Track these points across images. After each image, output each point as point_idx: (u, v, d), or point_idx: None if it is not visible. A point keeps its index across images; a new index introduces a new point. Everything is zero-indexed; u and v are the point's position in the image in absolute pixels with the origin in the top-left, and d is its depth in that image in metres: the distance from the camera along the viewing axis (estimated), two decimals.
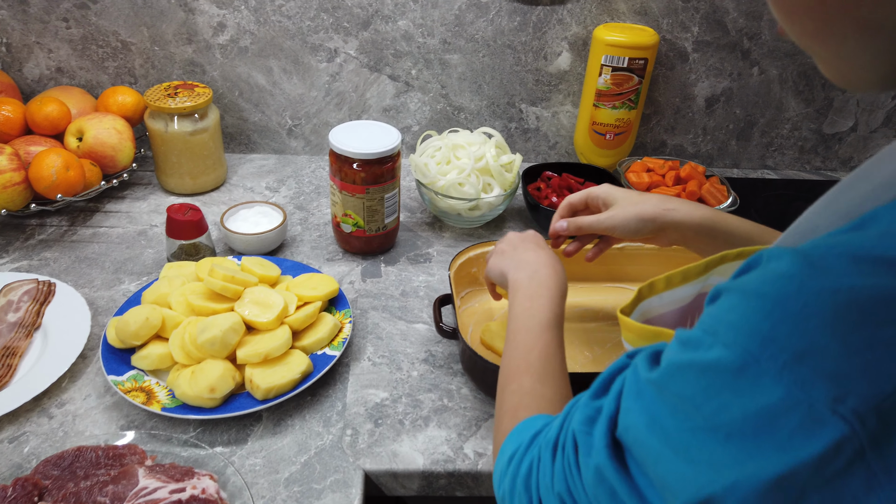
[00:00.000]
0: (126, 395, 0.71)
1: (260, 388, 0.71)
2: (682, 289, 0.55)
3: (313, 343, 0.79)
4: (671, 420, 0.34)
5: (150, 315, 0.76)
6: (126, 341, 0.76)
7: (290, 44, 1.16)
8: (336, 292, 0.85)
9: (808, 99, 1.25)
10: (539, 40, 1.17)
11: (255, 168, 1.22)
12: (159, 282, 0.83)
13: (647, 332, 0.50)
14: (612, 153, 1.21)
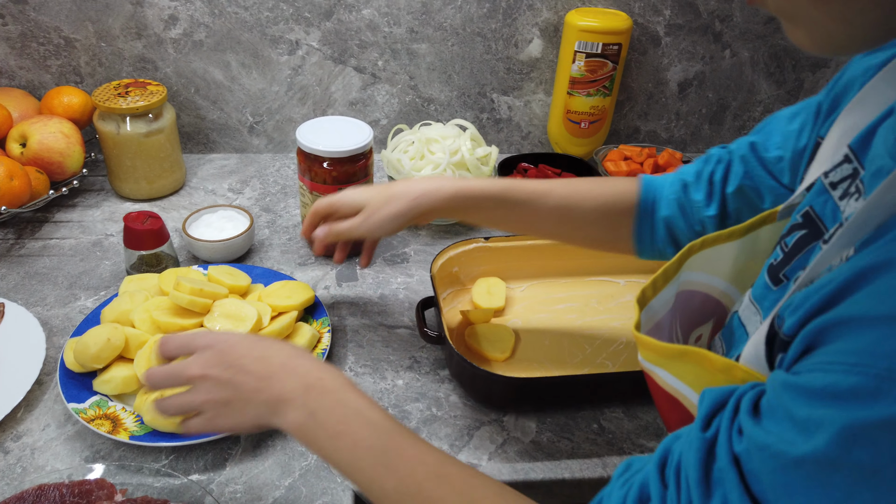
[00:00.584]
0: (89, 423, 0.66)
1: None
2: (666, 290, 0.53)
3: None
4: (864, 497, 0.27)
5: (111, 335, 0.70)
6: (86, 364, 0.70)
7: (248, 36, 1.10)
8: (312, 300, 0.81)
9: (779, 81, 1.24)
10: (509, 27, 1.13)
11: (215, 169, 1.16)
12: (119, 297, 0.77)
13: (664, 350, 0.46)
14: (588, 142, 1.18)
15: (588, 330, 0.86)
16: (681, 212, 0.67)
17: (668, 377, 0.47)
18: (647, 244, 0.71)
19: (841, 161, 0.45)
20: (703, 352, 0.43)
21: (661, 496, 0.37)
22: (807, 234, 0.46)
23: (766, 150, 0.61)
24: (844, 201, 0.43)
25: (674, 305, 0.55)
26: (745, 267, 0.55)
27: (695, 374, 0.44)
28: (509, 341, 0.82)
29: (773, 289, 0.47)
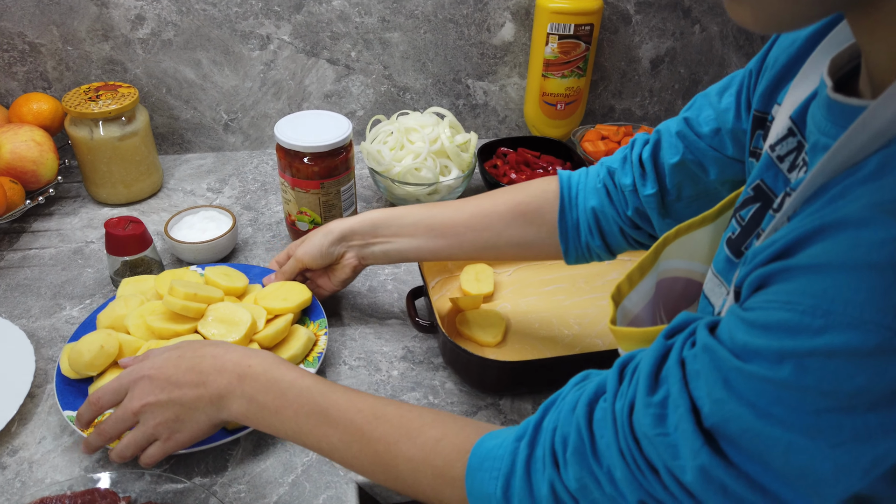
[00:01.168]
0: (85, 433, 0.65)
1: None
2: (642, 283, 0.54)
3: (288, 359, 0.71)
4: (791, 409, 0.32)
5: (105, 342, 0.69)
6: (81, 371, 0.69)
7: (218, 33, 1.08)
8: (309, 301, 0.79)
9: (748, 53, 1.26)
10: (481, 12, 1.13)
11: (192, 169, 1.15)
12: (115, 301, 0.76)
13: (643, 335, 0.48)
14: (564, 123, 1.19)
15: (577, 309, 0.88)
16: (608, 199, 0.67)
17: None
18: (571, 241, 0.70)
19: (786, 134, 0.46)
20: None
21: (614, 392, 0.41)
22: (761, 206, 0.47)
23: (698, 125, 0.61)
24: (793, 174, 0.44)
25: (654, 295, 0.56)
26: (714, 247, 0.56)
27: None
28: (500, 326, 0.83)
29: (736, 261, 0.49)
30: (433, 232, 0.74)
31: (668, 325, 0.42)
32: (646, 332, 0.48)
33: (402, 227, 0.75)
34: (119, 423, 0.60)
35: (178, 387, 0.58)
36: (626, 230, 0.68)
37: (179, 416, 0.58)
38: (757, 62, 0.55)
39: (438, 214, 0.74)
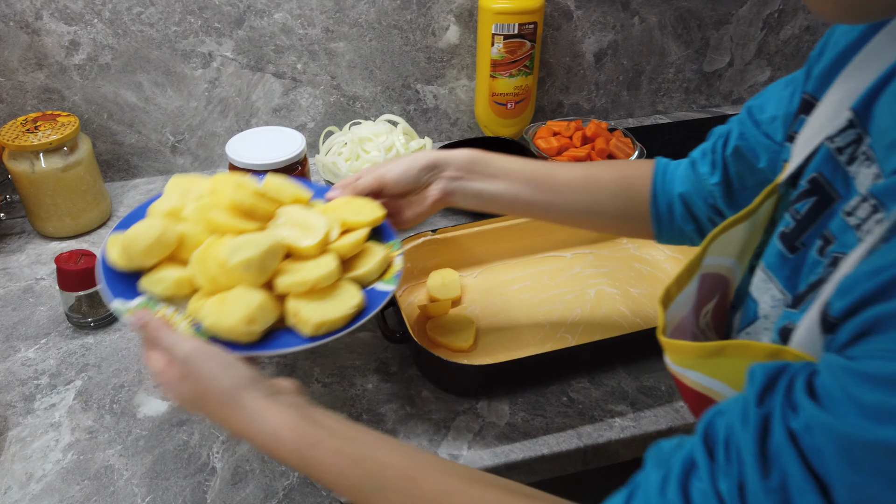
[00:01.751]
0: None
1: (309, 322, 0.57)
2: (689, 285, 0.51)
3: (363, 275, 0.64)
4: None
5: (164, 231, 0.59)
6: (134, 260, 0.59)
7: (158, 54, 1.05)
8: (382, 220, 0.68)
9: (686, 41, 1.29)
10: (424, 17, 1.13)
11: (142, 195, 1.11)
12: (167, 195, 0.66)
13: (704, 350, 0.43)
14: (515, 122, 1.20)
15: (544, 306, 0.89)
16: (694, 188, 0.67)
17: (699, 377, 0.45)
18: (664, 223, 0.70)
19: (845, 126, 0.44)
20: (742, 343, 0.42)
21: (709, 470, 0.36)
22: (818, 200, 0.46)
23: (761, 111, 0.61)
24: (853, 167, 0.43)
25: (697, 297, 0.53)
26: (747, 242, 0.55)
27: (732, 367, 0.43)
28: (471, 329, 0.83)
29: (790, 256, 0.47)
30: (535, 183, 0.70)
31: (754, 385, 0.37)
32: (701, 348, 0.44)
33: (501, 170, 0.70)
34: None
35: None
36: (714, 219, 0.67)
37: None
38: (819, 46, 0.53)
39: (542, 168, 0.71)
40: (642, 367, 0.80)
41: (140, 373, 0.80)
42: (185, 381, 0.53)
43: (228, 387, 0.51)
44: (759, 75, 1.39)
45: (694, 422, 0.72)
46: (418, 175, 0.69)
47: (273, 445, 0.50)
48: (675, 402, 0.76)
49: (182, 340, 0.53)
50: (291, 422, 0.50)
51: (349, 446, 0.49)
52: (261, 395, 0.51)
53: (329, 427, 0.50)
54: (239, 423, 0.51)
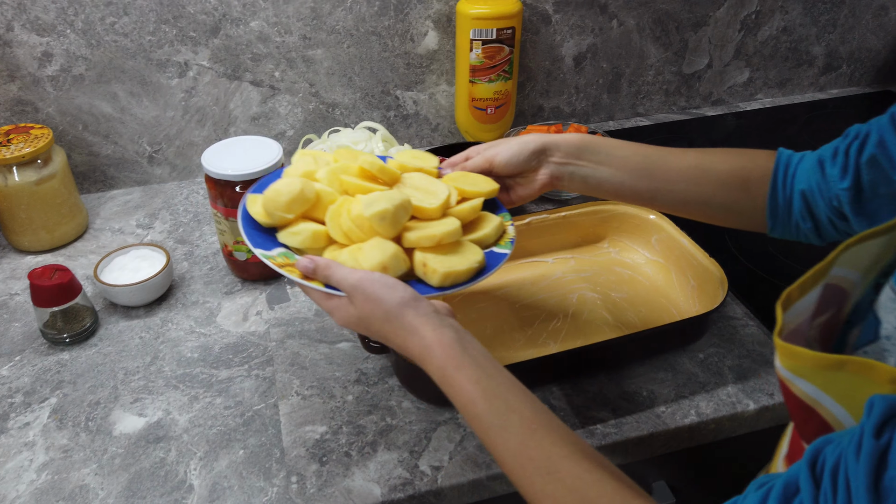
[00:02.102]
0: (282, 269, 0.61)
1: (437, 273, 0.61)
2: (812, 292, 0.49)
3: (482, 237, 0.68)
4: None
5: (304, 187, 0.64)
6: (275, 214, 0.64)
7: (133, 63, 1.04)
8: (496, 192, 0.72)
9: (665, 44, 1.30)
10: (403, 22, 1.13)
11: (119, 206, 1.10)
12: (297, 162, 0.71)
13: (824, 362, 0.42)
14: (496, 126, 1.20)
15: (526, 312, 0.88)
16: (818, 188, 0.65)
17: (808, 388, 0.43)
18: (780, 217, 0.68)
19: None
20: (867, 362, 0.39)
21: (812, 495, 0.35)
22: None
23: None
24: None
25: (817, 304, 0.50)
26: (878, 257, 0.51)
27: (850, 385, 0.40)
28: None
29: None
30: (644, 171, 0.69)
31: (873, 417, 0.36)
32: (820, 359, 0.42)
33: (610, 157, 0.70)
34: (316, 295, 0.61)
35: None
36: (834, 221, 0.65)
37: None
38: None
39: (653, 155, 0.70)
40: (623, 373, 0.80)
41: (116, 388, 0.78)
42: (352, 306, 0.58)
43: (392, 305, 0.56)
44: (739, 76, 1.40)
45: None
46: (528, 159, 0.70)
47: (425, 357, 0.55)
48: (655, 407, 0.76)
49: (350, 272, 0.58)
50: (445, 340, 0.54)
51: (486, 380, 0.53)
52: (419, 312, 0.56)
53: (474, 356, 0.54)
54: (399, 336, 0.56)
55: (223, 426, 0.74)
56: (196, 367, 0.81)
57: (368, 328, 0.58)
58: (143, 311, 0.89)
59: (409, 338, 0.56)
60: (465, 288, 0.63)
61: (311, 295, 0.62)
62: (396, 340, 0.57)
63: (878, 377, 0.38)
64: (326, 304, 0.60)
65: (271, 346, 0.83)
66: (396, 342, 0.57)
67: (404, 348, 0.57)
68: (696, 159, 0.69)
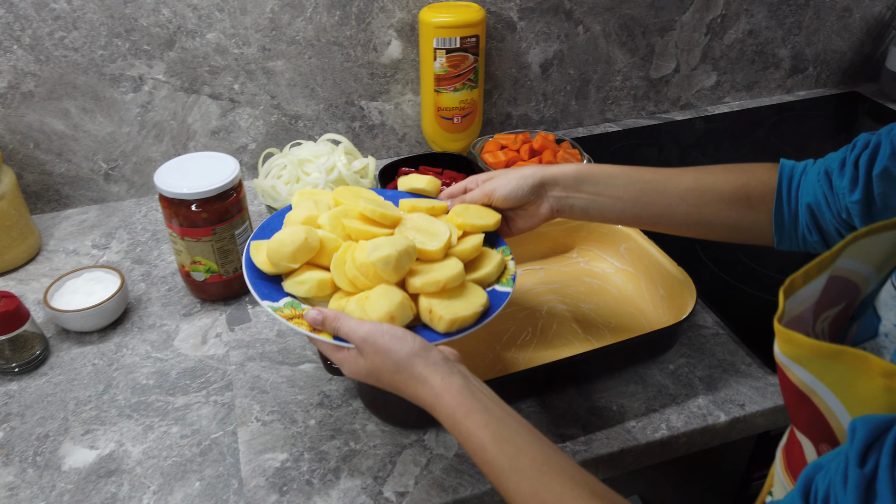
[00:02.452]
0: (289, 321, 0.61)
1: (444, 319, 0.61)
2: (816, 281, 0.49)
3: (484, 276, 0.68)
4: None
5: (308, 236, 0.63)
6: (280, 264, 0.63)
7: (85, 79, 1.01)
8: (498, 223, 0.72)
9: (632, 49, 1.29)
10: (365, 32, 1.10)
11: (74, 226, 1.06)
12: (298, 206, 0.70)
13: (820, 350, 0.42)
14: (463, 135, 1.18)
15: (494, 326, 0.86)
16: (825, 199, 0.64)
17: (804, 374, 0.44)
18: (786, 231, 0.68)
19: None
20: (862, 354, 0.40)
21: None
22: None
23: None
24: None
25: (822, 295, 0.50)
26: (892, 253, 0.51)
27: (843, 375, 0.41)
28: None
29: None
30: (643, 199, 0.70)
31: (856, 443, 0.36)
32: (817, 347, 0.42)
33: (608, 187, 0.70)
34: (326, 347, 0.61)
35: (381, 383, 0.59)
36: (843, 232, 0.64)
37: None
38: None
39: (652, 181, 0.70)
40: (593, 387, 0.78)
41: (66, 420, 0.75)
42: (362, 358, 0.58)
43: (402, 357, 0.56)
44: (706, 80, 1.39)
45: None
46: (528, 194, 0.71)
47: (435, 406, 0.55)
48: (626, 422, 0.74)
49: (358, 324, 0.58)
50: (454, 388, 0.55)
51: (495, 423, 0.53)
52: (429, 361, 0.56)
53: (483, 401, 0.55)
54: (410, 387, 0.56)
55: (179, 457, 0.71)
56: (151, 394, 0.78)
57: (379, 379, 0.58)
58: (97, 337, 0.86)
59: (419, 388, 0.56)
60: (471, 331, 0.63)
61: (319, 346, 0.61)
62: (407, 391, 0.57)
63: (870, 369, 0.39)
64: (336, 356, 0.60)
65: (231, 369, 0.81)
66: (407, 392, 0.57)
67: (415, 398, 0.57)
68: (694, 180, 0.69)
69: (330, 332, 0.60)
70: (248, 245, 0.67)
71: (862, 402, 0.40)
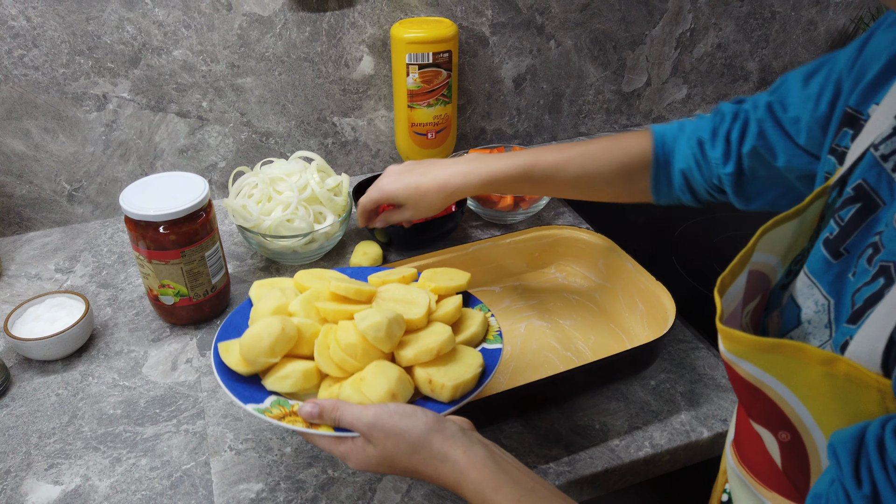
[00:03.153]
0: (281, 421, 0.56)
1: (447, 387, 0.58)
2: (740, 277, 0.51)
3: (471, 336, 0.67)
4: None
5: (285, 325, 0.59)
6: (257, 361, 0.59)
7: (46, 98, 0.98)
8: (469, 282, 0.73)
9: (603, 63, 1.30)
10: (336, 48, 1.09)
11: (36, 249, 1.03)
12: (264, 299, 0.65)
13: (760, 345, 0.44)
14: (438, 151, 1.17)
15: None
16: (697, 166, 0.73)
17: (752, 369, 0.45)
18: (663, 194, 0.78)
19: (890, 133, 0.45)
20: (798, 345, 0.41)
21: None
22: (862, 207, 0.46)
23: (783, 109, 0.63)
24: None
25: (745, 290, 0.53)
26: (794, 242, 0.54)
27: (785, 366, 0.43)
28: None
29: (834, 262, 0.47)
30: (535, 189, 0.81)
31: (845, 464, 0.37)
32: (756, 342, 0.44)
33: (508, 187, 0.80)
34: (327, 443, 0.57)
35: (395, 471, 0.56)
36: (714, 195, 0.74)
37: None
38: (850, 56, 0.54)
39: (542, 177, 0.78)
40: (575, 405, 0.77)
41: (29, 454, 0.72)
42: (370, 446, 0.54)
43: (417, 435, 0.53)
44: (677, 93, 1.41)
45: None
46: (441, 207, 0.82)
47: (460, 483, 0.52)
48: (609, 440, 0.73)
49: (362, 409, 0.54)
50: (479, 461, 0.52)
51: (527, 497, 0.50)
52: (447, 436, 0.53)
53: (511, 473, 0.52)
54: (429, 466, 0.53)
55: (148, 490, 0.68)
56: (119, 424, 0.75)
57: (393, 466, 0.54)
58: (61, 366, 0.82)
59: (439, 466, 0.53)
60: (473, 395, 0.61)
61: (317, 443, 0.56)
62: (427, 472, 0.53)
63: (808, 358, 0.41)
64: (339, 450, 0.56)
65: (202, 396, 0.78)
66: (427, 473, 0.53)
67: (436, 477, 0.53)
68: (580, 168, 0.78)
69: (329, 424, 0.55)
70: (216, 347, 0.63)
71: (808, 388, 0.42)
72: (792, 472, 0.48)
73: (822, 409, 0.42)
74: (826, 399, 0.41)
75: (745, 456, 0.54)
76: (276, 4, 1.02)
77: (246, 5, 1.01)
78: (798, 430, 0.44)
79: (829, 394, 0.41)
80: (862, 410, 0.39)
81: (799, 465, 0.46)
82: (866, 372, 0.38)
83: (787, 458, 0.48)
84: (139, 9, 0.96)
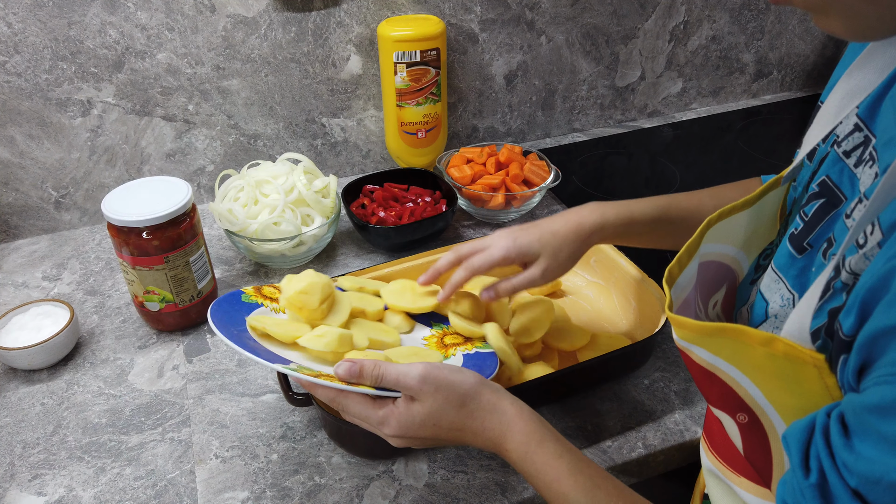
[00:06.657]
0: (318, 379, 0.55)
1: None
2: (690, 265, 0.53)
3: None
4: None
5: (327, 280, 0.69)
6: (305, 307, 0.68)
7: (29, 104, 0.97)
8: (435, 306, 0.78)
9: (596, 58, 1.28)
10: (322, 48, 1.08)
11: (23, 257, 1.02)
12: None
13: (706, 329, 0.45)
14: (428, 150, 1.15)
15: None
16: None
17: (704, 354, 0.47)
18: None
19: (852, 130, 0.46)
20: (740, 327, 0.42)
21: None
22: (825, 202, 0.47)
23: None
24: (860, 168, 0.44)
25: (697, 280, 0.55)
26: (753, 233, 0.56)
27: (732, 349, 0.44)
28: None
29: (798, 257, 0.48)
30: (671, 228, 0.72)
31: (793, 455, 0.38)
32: (702, 327, 0.45)
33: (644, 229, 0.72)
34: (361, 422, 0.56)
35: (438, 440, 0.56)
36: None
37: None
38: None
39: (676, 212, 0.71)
40: (567, 406, 0.76)
41: (13, 465, 0.70)
42: (417, 403, 0.53)
43: (468, 387, 0.54)
44: (672, 87, 1.39)
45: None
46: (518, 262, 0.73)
47: (506, 434, 0.53)
48: (601, 441, 0.72)
49: (408, 366, 0.54)
50: (525, 414, 0.54)
51: (568, 454, 0.52)
52: (494, 388, 0.55)
53: (552, 430, 0.54)
54: (477, 419, 0.53)
55: (133, 500, 0.67)
56: (104, 433, 0.74)
57: (438, 423, 0.53)
58: (46, 375, 0.81)
59: (487, 417, 0.54)
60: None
61: (350, 408, 0.55)
62: (473, 424, 0.54)
63: (751, 340, 0.42)
64: (377, 414, 0.54)
65: (188, 403, 0.77)
66: (472, 426, 0.54)
67: (482, 431, 0.54)
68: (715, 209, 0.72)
69: (370, 384, 0.54)
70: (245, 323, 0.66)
71: (755, 369, 0.43)
72: (753, 454, 0.49)
73: (771, 389, 0.43)
74: (772, 378, 0.42)
75: (714, 443, 0.55)
76: (261, 5, 1.01)
77: (230, 6, 1.00)
78: (754, 410, 0.45)
79: (773, 373, 0.42)
80: (805, 388, 0.40)
81: (760, 446, 0.47)
82: (801, 349, 0.39)
83: (747, 441, 0.49)
84: (121, 12, 0.95)
